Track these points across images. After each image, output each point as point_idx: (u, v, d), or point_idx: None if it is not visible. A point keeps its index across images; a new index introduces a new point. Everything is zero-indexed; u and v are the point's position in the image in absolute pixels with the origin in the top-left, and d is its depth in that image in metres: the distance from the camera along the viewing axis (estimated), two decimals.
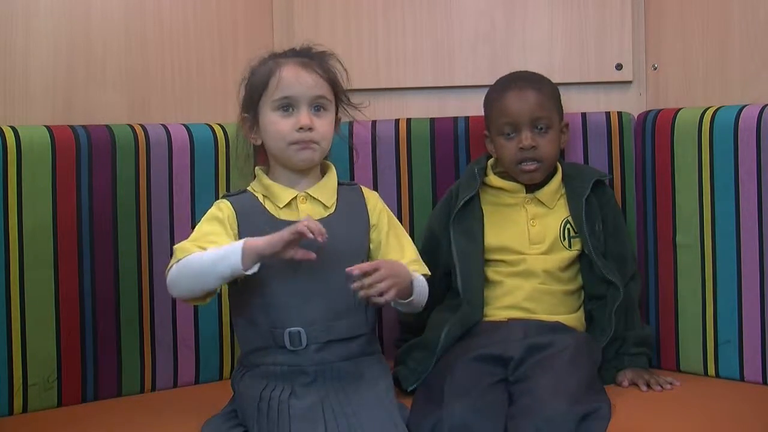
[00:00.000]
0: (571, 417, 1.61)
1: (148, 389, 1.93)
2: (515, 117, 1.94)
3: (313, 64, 1.71)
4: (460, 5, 2.23)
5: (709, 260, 1.94)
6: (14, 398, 1.79)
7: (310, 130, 1.67)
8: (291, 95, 1.68)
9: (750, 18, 2.00)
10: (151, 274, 1.93)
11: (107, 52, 2.02)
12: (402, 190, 2.10)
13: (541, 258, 1.93)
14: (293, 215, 1.69)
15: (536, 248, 1.94)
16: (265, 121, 1.71)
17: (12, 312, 1.79)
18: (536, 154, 1.94)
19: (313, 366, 1.65)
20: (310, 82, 1.69)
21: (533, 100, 1.94)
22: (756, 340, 1.87)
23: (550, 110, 1.96)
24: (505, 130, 1.95)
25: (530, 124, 1.94)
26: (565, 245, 1.95)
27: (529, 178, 1.96)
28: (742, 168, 1.88)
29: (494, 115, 1.98)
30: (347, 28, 2.23)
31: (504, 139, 1.96)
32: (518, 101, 1.94)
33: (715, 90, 2.06)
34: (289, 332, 1.65)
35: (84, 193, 1.86)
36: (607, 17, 2.19)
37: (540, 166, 1.95)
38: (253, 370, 1.69)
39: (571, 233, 1.95)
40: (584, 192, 1.96)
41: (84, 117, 1.97)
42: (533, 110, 1.94)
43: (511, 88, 1.97)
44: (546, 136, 1.95)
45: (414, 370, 1.84)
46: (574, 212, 1.96)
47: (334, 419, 1.59)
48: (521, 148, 1.93)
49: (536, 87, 1.97)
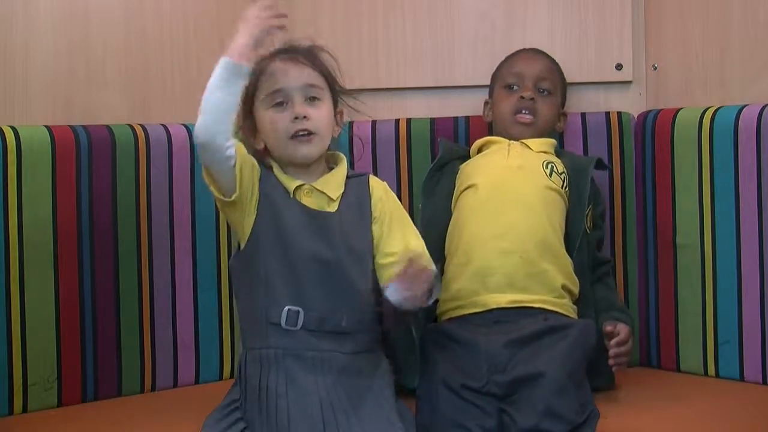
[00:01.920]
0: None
1: (148, 389, 1.93)
2: (522, 71, 2.04)
3: (301, 56, 1.71)
4: (460, 5, 2.23)
5: (709, 260, 1.94)
6: (14, 398, 1.79)
7: (305, 119, 1.67)
8: (282, 87, 1.68)
9: (750, 18, 2.00)
10: (151, 274, 1.93)
11: (107, 52, 2.02)
12: (402, 190, 2.10)
13: (519, 178, 1.90)
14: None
15: (515, 162, 1.92)
16: (262, 122, 1.70)
17: (12, 312, 1.78)
18: (534, 107, 2.00)
19: (309, 351, 1.64)
20: (299, 72, 1.69)
21: (543, 63, 2.06)
22: (756, 340, 1.87)
23: (555, 81, 2.05)
24: (510, 81, 2.03)
25: (534, 81, 2.02)
26: (546, 173, 1.93)
27: (521, 131, 2.00)
28: (742, 168, 1.88)
29: (501, 73, 2.07)
30: (347, 28, 2.23)
31: (506, 92, 2.03)
32: (528, 60, 2.06)
33: (715, 90, 2.06)
34: (288, 309, 1.64)
35: (84, 193, 1.86)
36: (607, 17, 2.19)
37: (534, 121, 2.00)
38: (251, 353, 1.67)
39: (555, 170, 1.94)
40: (586, 168, 1.95)
41: (84, 117, 1.97)
42: (541, 70, 2.04)
43: (524, 51, 2.10)
44: (547, 98, 2.02)
45: (410, 368, 1.79)
46: (570, 171, 1.95)
47: (332, 416, 1.58)
48: (521, 97, 2.00)
49: (548, 57, 2.08)
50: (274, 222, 1.66)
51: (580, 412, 1.65)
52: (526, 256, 1.84)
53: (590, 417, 1.66)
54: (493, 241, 1.86)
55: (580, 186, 1.94)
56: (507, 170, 1.93)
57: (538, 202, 1.89)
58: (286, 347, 1.64)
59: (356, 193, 1.73)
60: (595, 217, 1.98)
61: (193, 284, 1.97)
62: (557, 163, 1.96)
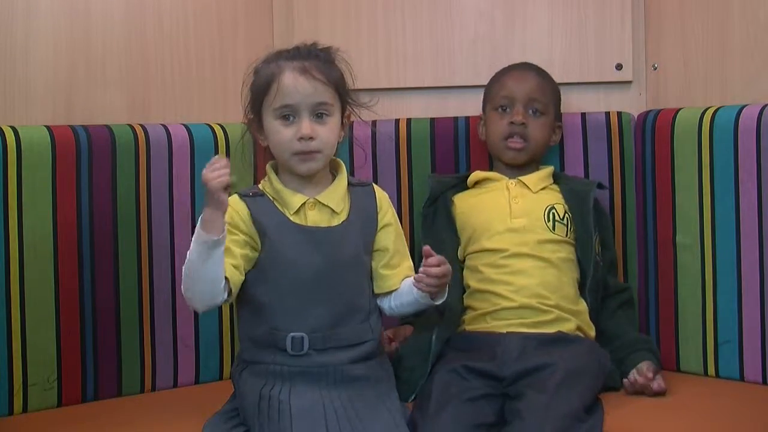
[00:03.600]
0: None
1: (148, 389, 1.93)
2: (512, 92, 2.00)
3: (314, 69, 1.68)
4: (460, 5, 2.23)
5: (709, 260, 1.93)
6: (14, 398, 1.79)
7: (311, 140, 1.66)
8: (291, 104, 1.66)
9: (750, 18, 2.00)
10: (151, 274, 1.93)
11: (107, 52, 2.02)
12: (402, 190, 2.10)
13: (525, 239, 1.90)
14: (301, 220, 1.68)
15: (518, 222, 1.92)
16: (267, 127, 1.69)
17: (12, 312, 1.78)
18: (525, 132, 1.98)
19: (315, 368, 1.65)
20: (310, 89, 1.66)
21: (533, 82, 2.01)
22: (756, 340, 1.87)
23: (547, 99, 2.01)
24: (501, 103, 2.00)
25: (525, 103, 1.99)
26: (549, 227, 1.93)
27: (512, 156, 1.98)
28: (742, 168, 1.88)
29: (492, 92, 2.04)
30: (347, 28, 2.23)
31: (497, 114, 2.00)
32: (519, 79, 2.01)
33: (715, 90, 2.06)
34: (291, 337, 1.65)
35: (84, 193, 1.86)
36: (607, 17, 2.19)
37: (526, 146, 1.98)
38: (252, 367, 1.68)
39: (557, 218, 1.94)
40: (588, 195, 1.95)
41: (84, 117, 1.97)
42: (531, 90, 2.00)
43: (515, 68, 2.05)
44: (538, 120, 1.99)
45: (407, 381, 1.79)
46: (571, 202, 1.95)
47: (336, 420, 1.58)
48: (512, 123, 1.97)
49: (540, 74, 2.03)
50: (272, 253, 1.66)
51: (589, 402, 1.68)
52: (541, 316, 1.86)
53: (597, 411, 1.68)
54: (507, 305, 1.87)
55: (584, 215, 1.94)
56: (512, 234, 1.91)
57: (546, 262, 1.90)
58: (291, 365, 1.65)
59: (362, 204, 1.73)
60: (604, 239, 1.99)
61: None
62: (558, 205, 1.96)
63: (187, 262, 1.59)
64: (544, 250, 1.90)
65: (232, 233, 1.64)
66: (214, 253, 1.57)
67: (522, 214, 1.93)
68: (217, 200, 1.56)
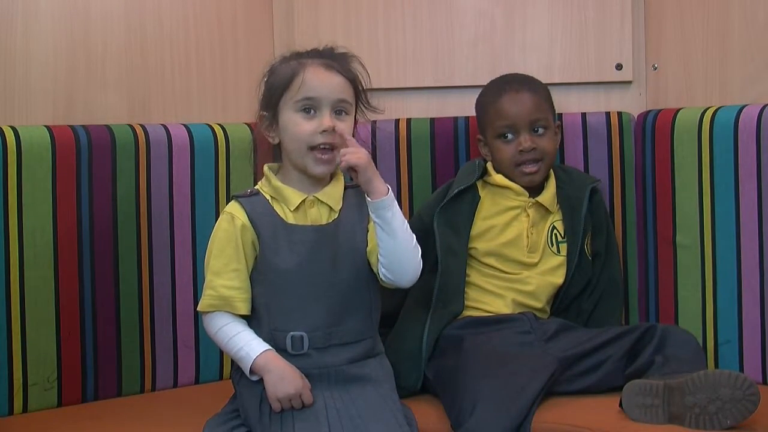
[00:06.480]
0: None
1: (148, 389, 1.93)
2: (513, 119, 1.94)
3: (337, 66, 1.69)
4: (460, 5, 2.23)
5: (709, 260, 1.94)
6: (14, 398, 1.79)
7: (334, 131, 1.66)
8: (314, 96, 1.66)
9: (750, 18, 2.00)
10: (151, 274, 1.93)
11: (107, 52, 2.02)
12: (402, 190, 2.10)
13: (538, 275, 1.94)
14: (301, 218, 1.68)
15: (532, 258, 1.94)
16: (285, 121, 1.68)
17: (12, 312, 1.79)
18: (536, 154, 1.94)
19: (315, 369, 1.65)
20: (334, 84, 1.67)
21: (530, 103, 1.95)
22: (756, 340, 1.87)
23: (546, 111, 1.98)
24: (503, 132, 1.95)
25: (528, 127, 1.94)
26: (553, 251, 1.96)
27: (529, 180, 1.96)
28: (742, 168, 1.88)
29: (490, 119, 1.98)
30: (347, 28, 2.23)
31: (501, 142, 1.96)
32: (516, 104, 1.95)
33: (715, 90, 2.06)
34: (291, 336, 1.65)
35: (84, 192, 1.86)
36: (607, 17, 2.19)
37: (540, 165, 1.95)
38: None
39: (558, 238, 1.96)
40: (581, 204, 1.96)
41: (84, 117, 1.97)
42: (531, 112, 1.95)
43: (506, 91, 1.97)
44: (544, 136, 1.96)
45: (404, 384, 1.80)
46: (569, 222, 1.96)
47: (338, 420, 1.59)
48: (521, 151, 1.94)
49: (532, 89, 1.97)
50: (269, 253, 1.66)
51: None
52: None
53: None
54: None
55: (575, 226, 1.96)
56: (524, 265, 1.94)
57: (553, 282, 1.95)
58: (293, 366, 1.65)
59: (355, 204, 1.72)
60: (607, 244, 2.00)
61: (193, 284, 1.97)
62: (557, 222, 1.97)
63: (219, 343, 1.66)
64: (550, 273, 1.95)
65: (232, 250, 1.66)
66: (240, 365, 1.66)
67: (536, 248, 1.95)
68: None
